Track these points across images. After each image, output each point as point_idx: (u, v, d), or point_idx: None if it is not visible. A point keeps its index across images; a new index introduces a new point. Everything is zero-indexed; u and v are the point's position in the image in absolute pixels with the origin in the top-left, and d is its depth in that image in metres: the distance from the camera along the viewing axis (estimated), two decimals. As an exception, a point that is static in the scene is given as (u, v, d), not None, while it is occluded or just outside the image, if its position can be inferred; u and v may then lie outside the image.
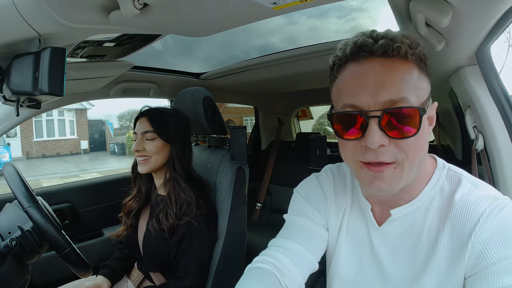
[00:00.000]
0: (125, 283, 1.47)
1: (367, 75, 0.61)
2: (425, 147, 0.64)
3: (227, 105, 14.63)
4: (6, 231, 1.02)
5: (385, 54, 0.61)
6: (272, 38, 3.57)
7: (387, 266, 0.73)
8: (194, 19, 0.82)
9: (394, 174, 0.62)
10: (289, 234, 0.85)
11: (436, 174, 0.72)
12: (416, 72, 0.62)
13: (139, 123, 1.36)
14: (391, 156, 0.61)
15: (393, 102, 0.59)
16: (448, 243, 0.65)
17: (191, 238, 1.24)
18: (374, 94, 0.60)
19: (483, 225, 0.60)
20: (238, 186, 1.44)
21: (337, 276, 0.82)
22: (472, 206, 0.63)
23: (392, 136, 0.60)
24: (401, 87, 0.59)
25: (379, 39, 0.62)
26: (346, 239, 0.81)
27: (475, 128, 1.19)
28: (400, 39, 0.61)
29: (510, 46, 4.25)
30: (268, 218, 3.00)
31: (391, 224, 0.73)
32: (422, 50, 0.63)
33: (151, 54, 1.89)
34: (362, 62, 0.63)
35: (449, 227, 0.65)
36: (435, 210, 0.69)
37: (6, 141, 15.12)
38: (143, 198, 1.45)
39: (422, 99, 0.62)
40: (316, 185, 0.89)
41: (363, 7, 3.54)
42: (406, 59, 0.61)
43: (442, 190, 0.70)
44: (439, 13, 0.76)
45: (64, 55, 0.79)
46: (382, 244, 0.74)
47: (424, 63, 0.64)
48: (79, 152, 19.48)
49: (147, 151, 1.33)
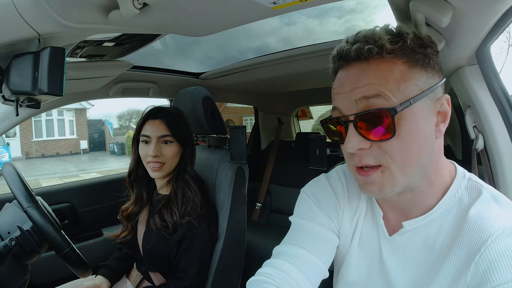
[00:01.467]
0: (124, 283, 1.47)
1: (344, 82, 0.62)
2: (421, 149, 0.59)
3: (227, 105, 14.63)
4: (6, 231, 1.02)
5: (359, 59, 0.60)
6: (268, 39, 3.52)
7: (395, 278, 0.68)
8: (194, 19, 0.82)
9: (383, 178, 0.60)
10: (296, 239, 0.78)
11: (455, 184, 0.66)
12: (400, 68, 0.58)
13: (153, 126, 1.30)
14: (373, 158, 0.60)
15: (366, 98, 0.58)
16: (456, 260, 0.59)
17: (191, 238, 1.24)
18: (349, 95, 0.60)
19: (491, 245, 0.55)
20: (237, 186, 1.44)
21: (346, 282, 0.78)
22: (485, 224, 0.58)
23: (371, 139, 0.58)
24: (375, 81, 0.58)
25: (356, 42, 0.60)
26: (359, 246, 0.77)
27: (475, 128, 1.19)
28: (375, 37, 0.59)
29: (510, 46, 4.25)
30: (268, 218, 3.00)
31: (403, 235, 0.68)
32: (415, 40, 0.60)
33: (149, 54, 1.89)
34: (343, 68, 0.64)
35: (460, 243, 0.60)
36: (450, 224, 0.63)
37: (6, 141, 15.11)
38: (145, 201, 1.42)
39: (409, 94, 0.57)
40: (326, 187, 0.83)
41: (363, 7, 3.52)
42: (382, 57, 0.58)
43: (460, 203, 0.64)
44: (439, 13, 0.76)
45: (64, 55, 0.79)
46: (392, 254, 0.70)
47: (422, 53, 0.60)
48: (79, 152, 19.47)
49: (165, 156, 1.29)
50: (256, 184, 3.15)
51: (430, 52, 0.61)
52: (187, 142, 1.35)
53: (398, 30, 0.60)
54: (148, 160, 1.30)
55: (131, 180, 1.42)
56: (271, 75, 2.08)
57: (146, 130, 1.31)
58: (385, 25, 0.63)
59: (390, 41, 0.58)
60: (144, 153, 1.30)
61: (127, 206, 1.42)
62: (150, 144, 1.29)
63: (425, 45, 0.61)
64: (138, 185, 1.42)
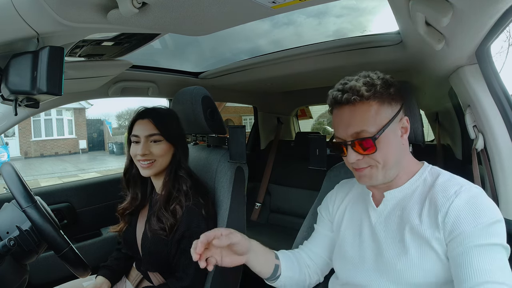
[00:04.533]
0: (124, 284, 1.46)
1: (341, 118, 0.92)
2: (395, 153, 0.91)
3: (226, 104, 14.64)
4: (4, 231, 1.02)
5: (349, 103, 0.89)
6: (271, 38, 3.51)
7: (381, 236, 0.95)
8: (193, 18, 0.82)
9: (371, 172, 0.92)
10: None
11: (420, 170, 0.97)
12: (374, 107, 0.88)
13: (141, 126, 1.32)
14: (365, 163, 0.91)
15: (357, 133, 0.89)
16: (427, 215, 0.87)
17: (191, 237, 1.23)
18: (345, 130, 0.91)
19: (455, 200, 0.82)
20: (237, 185, 1.43)
21: (342, 257, 1.05)
22: (448, 187, 0.86)
23: (362, 153, 0.90)
24: (360, 123, 0.88)
25: (345, 92, 0.89)
26: (348, 226, 1.07)
27: (475, 127, 1.19)
28: (357, 88, 0.87)
29: (510, 45, 4.25)
30: (267, 218, 3.00)
31: (385, 204, 0.98)
32: (381, 85, 0.88)
33: (146, 53, 1.89)
34: (338, 109, 0.93)
35: (428, 202, 0.88)
36: (419, 193, 0.93)
37: (4, 140, 15.09)
38: (140, 201, 1.43)
39: (380, 125, 0.88)
40: (325, 200, 1.22)
41: (362, 7, 3.55)
42: (362, 101, 0.88)
43: (425, 181, 0.94)
44: (439, 12, 0.76)
45: (63, 54, 0.79)
46: (378, 220, 0.98)
47: (387, 93, 0.89)
48: (78, 152, 19.44)
49: (154, 155, 1.30)
50: (255, 184, 3.15)
51: (392, 90, 0.90)
52: (178, 140, 1.36)
53: (371, 81, 0.89)
54: (137, 159, 1.31)
55: (126, 179, 1.43)
56: (270, 74, 2.08)
57: (135, 130, 1.32)
58: (363, 75, 0.92)
59: (366, 90, 0.87)
60: (134, 152, 1.31)
61: (123, 206, 1.43)
62: (139, 143, 1.30)
63: (389, 86, 0.90)
64: (133, 185, 1.43)
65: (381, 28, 1.42)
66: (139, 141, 1.31)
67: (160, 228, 1.25)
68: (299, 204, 2.79)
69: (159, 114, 1.34)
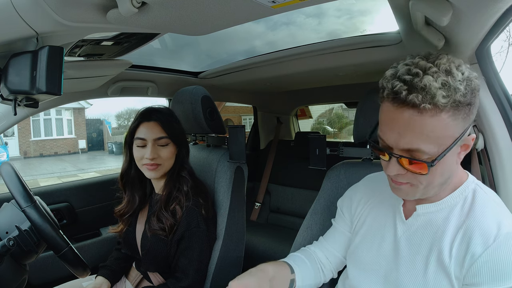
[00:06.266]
0: (123, 284, 1.46)
1: (395, 121, 0.70)
2: (446, 175, 0.75)
3: (226, 104, 14.63)
4: (4, 230, 1.01)
5: (414, 107, 0.66)
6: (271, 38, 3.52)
7: (403, 252, 0.85)
8: (193, 18, 0.82)
9: (409, 189, 0.78)
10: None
11: (463, 185, 0.81)
12: (445, 122, 0.66)
13: (147, 128, 1.28)
14: (406, 180, 0.76)
15: (410, 151, 0.70)
16: (457, 248, 0.75)
17: (190, 237, 1.24)
18: (397, 139, 0.71)
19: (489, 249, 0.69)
20: (236, 185, 1.43)
21: (356, 259, 0.97)
22: (487, 222, 0.73)
23: (408, 169, 0.74)
24: (419, 140, 0.68)
25: (413, 90, 0.66)
26: (370, 227, 0.96)
27: (475, 127, 1.19)
28: (432, 92, 0.64)
29: (510, 45, 4.25)
30: (267, 218, 3.00)
31: (416, 219, 0.85)
32: (463, 94, 0.65)
33: (144, 53, 1.89)
34: (395, 106, 0.70)
35: (462, 234, 0.75)
36: (457, 215, 0.78)
37: (4, 140, 15.07)
38: (138, 204, 1.41)
39: (444, 145, 0.69)
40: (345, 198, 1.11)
41: (367, 6, 3.55)
42: (435, 111, 0.65)
43: (466, 199, 0.79)
44: (439, 12, 0.76)
45: (62, 54, 0.79)
46: (404, 233, 0.86)
47: (467, 103, 0.67)
48: (77, 152, 19.41)
49: (162, 158, 1.28)
50: (255, 183, 3.14)
51: (473, 101, 0.68)
52: (181, 141, 1.35)
53: (452, 83, 0.65)
54: (144, 163, 1.28)
55: (123, 182, 1.41)
56: (270, 74, 2.08)
57: (141, 133, 1.28)
58: (444, 69, 0.66)
59: (443, 96, 0.64)
60: (139, 155, 1.28)
61: (120, 208, 1.41)
62: (146, 146, 1.27)
63: (473, 93, 0.68)
64: (131, 187, 1.40)
65: (381, 28, 1.42)
66: (145, 144, 1.28)
67: (160, 228, 1.25)
68: (299, 204, 2.79)
69: (165, 116, 1.32)
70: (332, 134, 15.74)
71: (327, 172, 1.36)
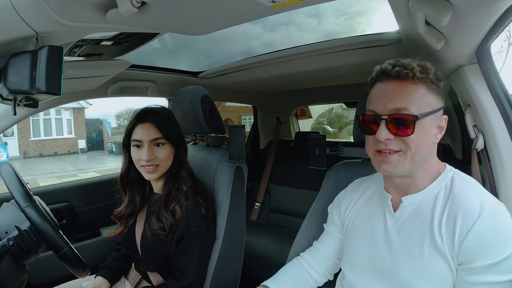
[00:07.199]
0: (123, 284, 1.46)
1: (384, 90, 0.87)
2: (427, 147, 0.85)
3: (226, 104, 14.64)
4: (3, 230, 1.01)
5: (398, 77, 0.84)
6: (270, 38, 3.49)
7: (395, 244, 0.91)
8: (193, 18, 0.82)
9: (399, 159, 0.85)
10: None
11: (442, 174, 0.91)
12: (422, 90, 0.84)
13: (143, 130, 1.27)
14: (396, 146, 0.84)
15: (398, 109, 0.83)
16: (445, 230, 0.83)
17: (190, 237, 1.23)
18: (386, 103, 0.85)
19: (476, 225, 0.78)
20: (236, 185, 1.43)
21: (351, 259, 1.03)
22: (468, 201, 0.82)
23: (395, 133, 0.83)
24: (404, 100, 0.83)
25: (396, 66, 0.85)
26: (361, 225, 1.03)
27: (475, 127, 1.19)
28: (411, 66, 0.83)
29: (510, 45, 4.25)
30: (267, 218, 3.00)
31: (403, 210, 0.93)
32: (434, 75, 0.85)
33: (143, 52, 1.89)
34: (383, 82, 0.88)
35: (447, 215, 0.83)
36: (441, 201, 0.87)
37: (3, 140, 15.06)
38: (138, 204, 1.40)
39: (423, 110, 0.83)
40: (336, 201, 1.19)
41: (362, 6, 3.53)
42: (414, 80, 0.83)
43: (446, 186, 0.88)
44: (439, 12, 0.76)
45: (62, 54, 0.79)
46: (394, 226, 0.94)
47: (436, 84, 0.85)
48: (77, 151, 19.39)
49: (158, 159, 1.27)
50: (255, 183, 3.14)
51: (441, 85, 0.87)
52: (179, 142, 1.34)
53: (425, 65, 0.85)
54: (141, 164, 1.28)
55: (123, 183, 1.40)
56: (270, 74, 2.08)
57: (137, 135, 1.28)
58: (417, 59, 0.86)
59: (419, 71, 0.83)
60: (137, 157, 1.28)
61: (120, 210, 1.40)
62: (142, 148, 1.27)
63: (439, 80, 0.87)
64: (131, 188, 1.40)
65: (380, 29, 1.42)
66: (141, 145, 1.28)
67: (160, 228, 1.25)
68: (298, 204, 2.79)
69: (160, 116, 1.31)
70: (332, 134, 15.74)
71: (327, 172, 1.36)
